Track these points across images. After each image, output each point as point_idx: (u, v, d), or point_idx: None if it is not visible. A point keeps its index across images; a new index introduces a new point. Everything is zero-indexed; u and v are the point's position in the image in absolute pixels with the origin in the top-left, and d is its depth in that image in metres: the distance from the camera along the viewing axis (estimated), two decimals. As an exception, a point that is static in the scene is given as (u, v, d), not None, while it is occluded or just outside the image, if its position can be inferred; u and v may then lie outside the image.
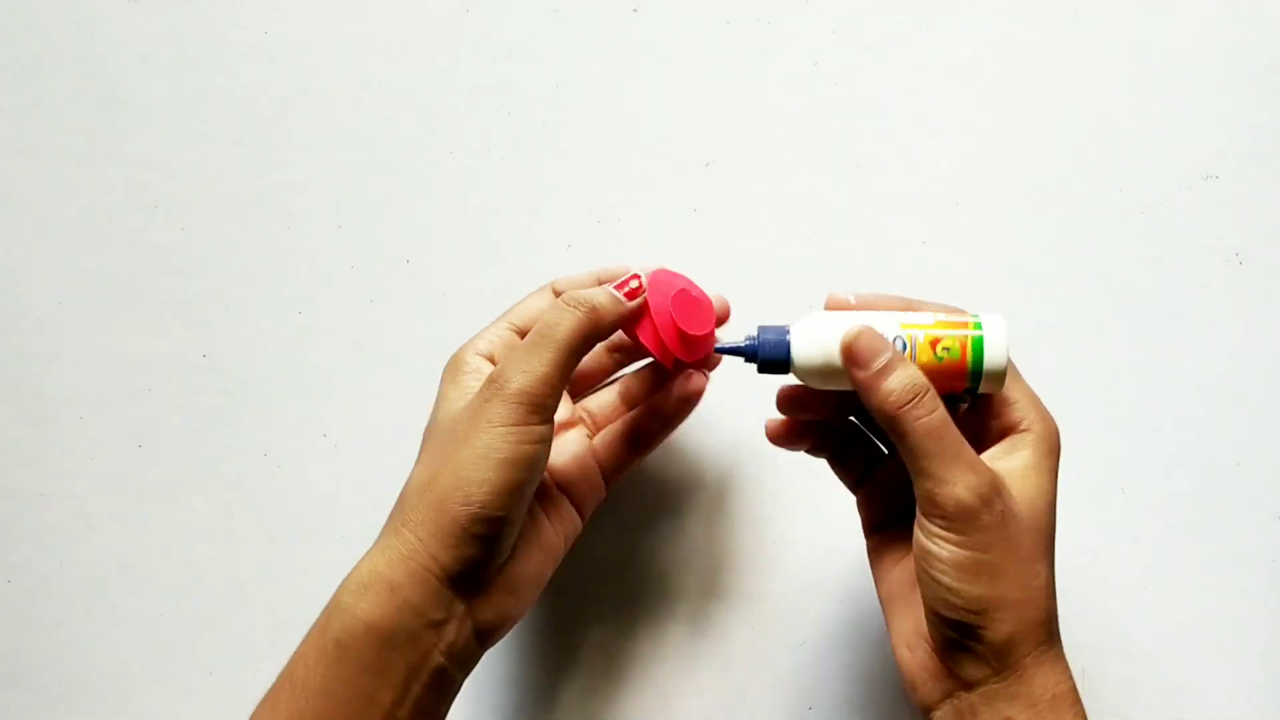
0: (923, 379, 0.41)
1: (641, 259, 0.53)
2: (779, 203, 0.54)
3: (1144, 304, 0.53)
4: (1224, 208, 0.53)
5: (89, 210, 0.55)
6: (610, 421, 0.49)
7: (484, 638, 0.43)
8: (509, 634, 0.45)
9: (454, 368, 0.45)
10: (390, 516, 0.43)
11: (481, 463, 0.40)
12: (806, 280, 0.53)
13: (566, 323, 0.42)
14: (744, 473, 0.53)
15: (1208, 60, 0.53)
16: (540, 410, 0.41)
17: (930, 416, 0.40)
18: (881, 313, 0.44)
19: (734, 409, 0.51)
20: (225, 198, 0.55)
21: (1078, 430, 0.53)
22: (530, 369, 0.41)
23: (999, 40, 0.54)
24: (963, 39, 0.54)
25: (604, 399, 0.49)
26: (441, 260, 0.54)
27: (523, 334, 0.46)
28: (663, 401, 0.47)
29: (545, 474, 0.45)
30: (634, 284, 0.45)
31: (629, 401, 0.49)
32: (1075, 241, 0.53)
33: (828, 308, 0.45)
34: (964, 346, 0.42)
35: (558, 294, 0.46)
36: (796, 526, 0.52)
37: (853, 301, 0.45)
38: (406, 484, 0.43)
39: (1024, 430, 0.42)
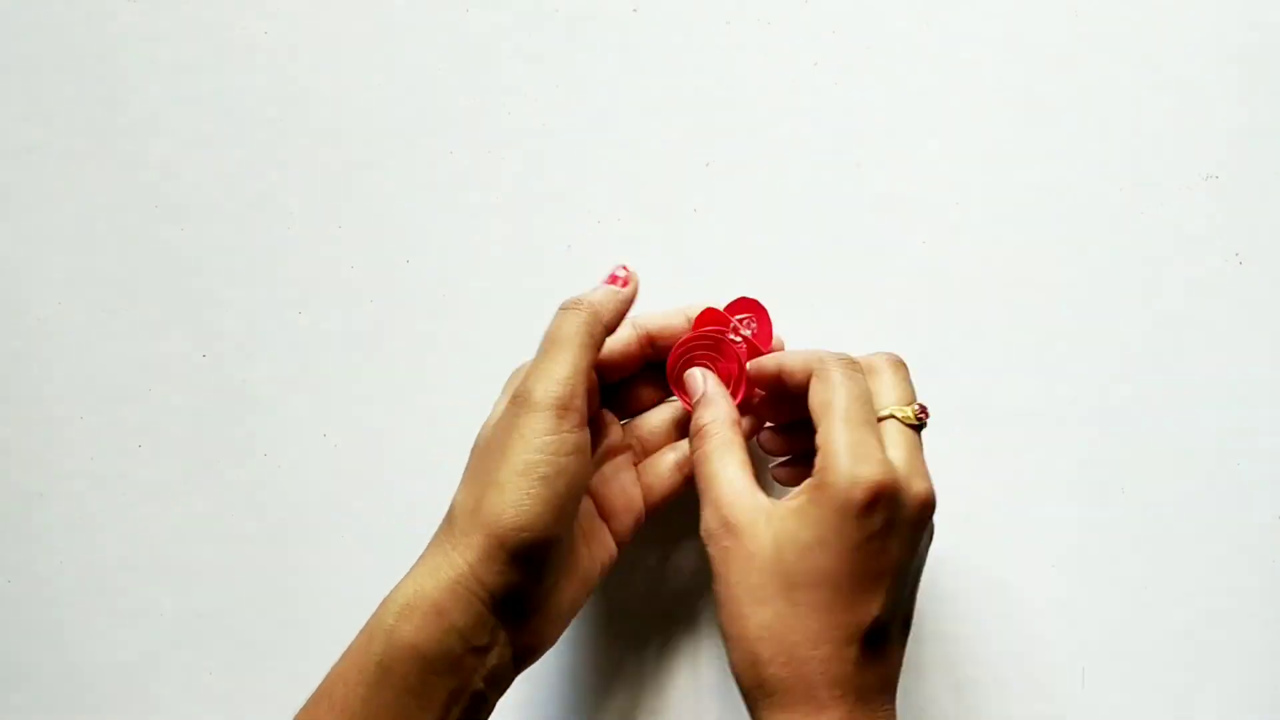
0: (705, 420, 0.45)
1: (641, 258, 0.54)
2: (779, 203, 0.54)
3: (1144, 304, 0.53)
4: (1224, 208, 0.53)
5: (89, 210, 0.55)
6: (660, 447, 0.49)
7: (520, 662, 0.43)
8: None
9: (508, 383, 0.46)
10: (436, 536, 0.42)
11: (522, 481, 0.40)
12: (806, 280, 0.53)
13: (570, 322, 0.43)
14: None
15: (1208, 60, 0.53)
16: (568, 414, 0.41)
17: (697, 452, 0.45)
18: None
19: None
20: (225, 198, 0.55)
21: (1078, 430, 0.53)
22: (548, 373, 0.42)
23: (999, 40, 0.54)
24: (963, 39, 0.54)
25: (655, 424, 0.49)
26: (441, 260, 0.54)
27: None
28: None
29: (588, 499, 0.46)
30: (620, 272, 0.46)
31: (683, 429, 0.49)
32: (1075, 242, 0.53)
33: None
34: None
35: (644, 331, 0.48)
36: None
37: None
38: (453, 503, 0.42)
39: (813, 476, 0.41)
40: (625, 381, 0.49)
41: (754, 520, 0.41)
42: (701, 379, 0.47)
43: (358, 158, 0.55)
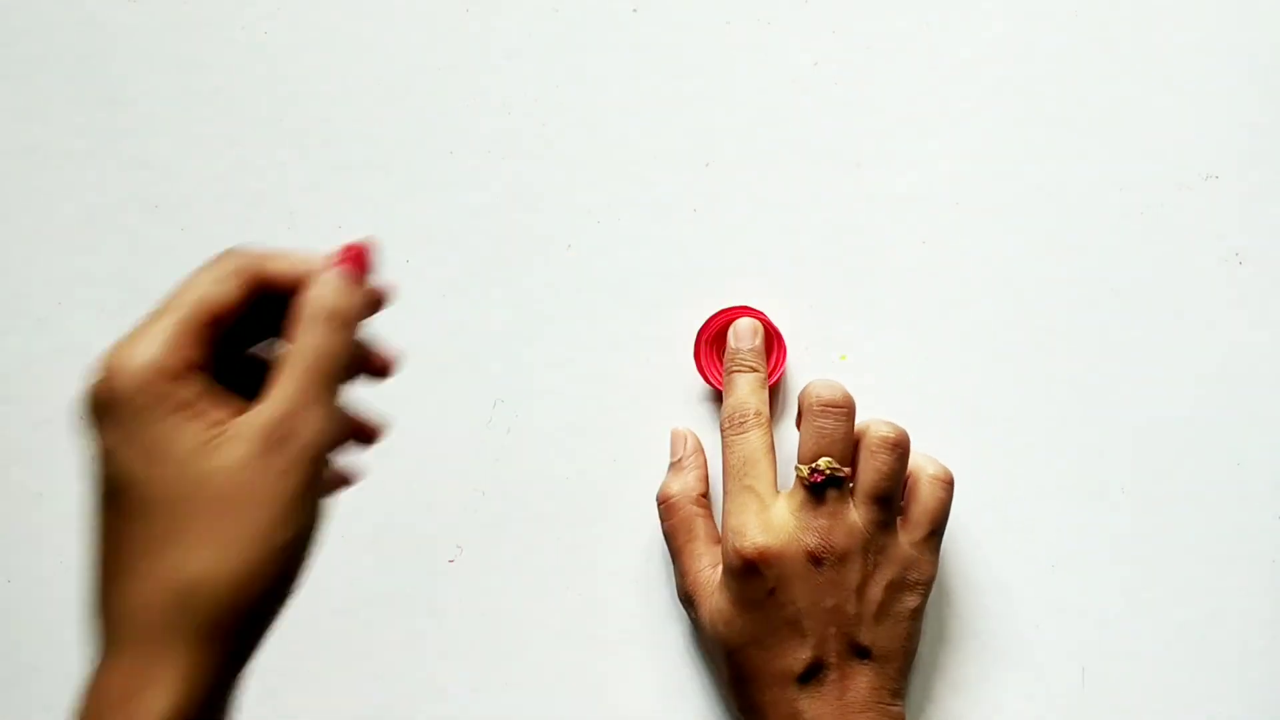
0: (674, 493, 0.50)
1: (641, 258, 0.54)
2: (779, 203, 0.54)
3: (1143, 304, 0.53)
4: (1224, 208, 0.53)
5: (89, 210, 0.55)
6: None
7: None
8: (504, 639, 0.46)
9: None
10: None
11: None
12: (806, 280, 0.53)
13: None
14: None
15: (1208, 60, 0.53)
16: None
17: (666, 523, 0.50)
18: None
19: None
20: (225, 198, 0.55)
21: (1078, 430, 0.53)
22: None
23: (999, 40, 0.54)
24: (963, 39, 0.54)
25: None
26: (442, 260, 0.54)
27: None
28: None
29: None
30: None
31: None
32: (1075, 241, 0.53)
33: None
34: None
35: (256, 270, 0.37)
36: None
37: None
38: None
39: None
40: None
41: (705, 596, 0.47)
42: (683, 440, 0.50)
43: (357, 158, 0.55)
